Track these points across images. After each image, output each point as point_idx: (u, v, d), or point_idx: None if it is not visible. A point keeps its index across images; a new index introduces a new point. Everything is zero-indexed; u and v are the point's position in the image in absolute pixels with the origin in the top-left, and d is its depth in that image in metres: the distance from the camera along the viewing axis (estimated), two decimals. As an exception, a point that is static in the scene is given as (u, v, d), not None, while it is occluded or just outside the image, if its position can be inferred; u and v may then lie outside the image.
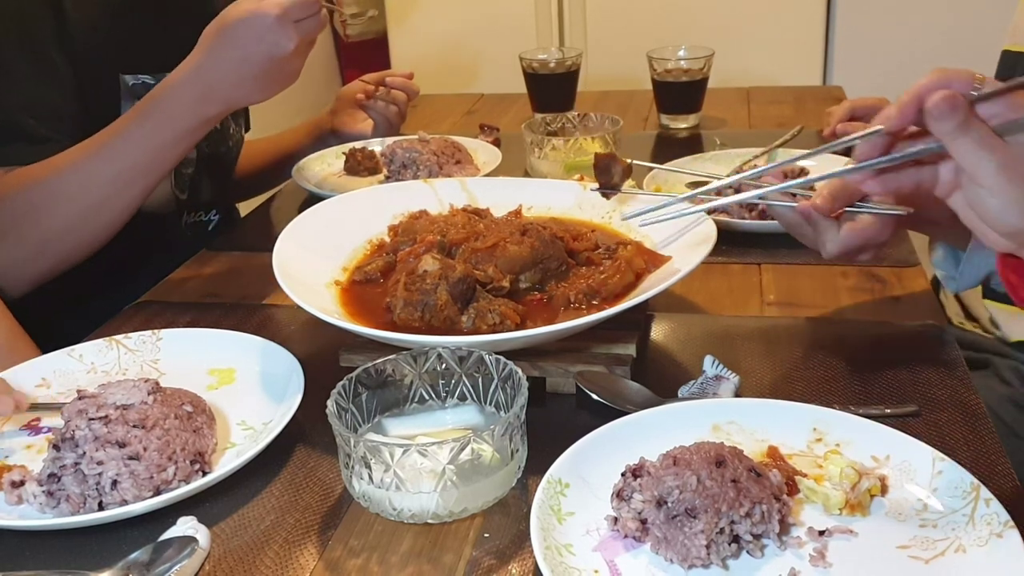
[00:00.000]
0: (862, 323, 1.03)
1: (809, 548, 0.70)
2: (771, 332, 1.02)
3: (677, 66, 1.73)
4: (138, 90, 1.31)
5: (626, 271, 0.97)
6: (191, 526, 0.75)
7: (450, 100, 2.11)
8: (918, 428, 0.81)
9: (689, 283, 1.09)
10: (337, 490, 0.81)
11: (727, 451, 0.72)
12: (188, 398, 0.86)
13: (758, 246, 1.21)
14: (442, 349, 0.84)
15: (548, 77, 1.80)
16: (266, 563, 0.74)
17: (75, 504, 0.78)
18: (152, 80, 1.32)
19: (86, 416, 0.81)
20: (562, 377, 0.91)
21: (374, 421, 0.84)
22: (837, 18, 2.79)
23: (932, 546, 0.69)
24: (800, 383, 0.92)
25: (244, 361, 0.99)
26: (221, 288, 1.22)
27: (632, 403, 0.87)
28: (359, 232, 1.12)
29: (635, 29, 2.78)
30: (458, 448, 0.73)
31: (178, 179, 1.41)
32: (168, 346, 1.02)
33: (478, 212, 1.12)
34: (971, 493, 0.71)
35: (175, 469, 0.80)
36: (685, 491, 0.69)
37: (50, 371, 1.00)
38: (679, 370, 0.96)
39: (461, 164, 1.50)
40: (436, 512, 0.75)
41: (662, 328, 1.04)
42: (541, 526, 0.70)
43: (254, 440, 0.86)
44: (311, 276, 1.02)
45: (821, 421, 0.81)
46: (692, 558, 0.68)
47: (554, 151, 1.45)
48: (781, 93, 1.96)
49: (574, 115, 1.55)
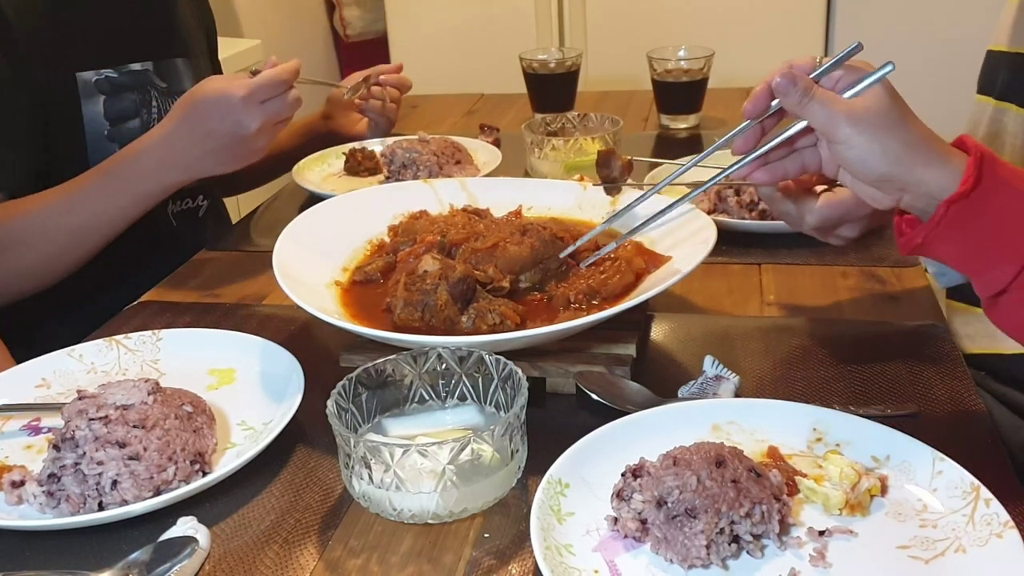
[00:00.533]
0: (862, 323, 1.03)
1: (809, 548, 0.70)
2: (771, 332, 1.02)
3: (677, 66, 1.73)
4: (102, 86, 1.31)
5: (626, 271, 0.97)
6: (191, 526, 0.75)
7: (450, 100, 2.11)
8: (918, 428, 0.81)
9: (689, 283, 1.09)
10: (337, 490, 0.81)
11: (727, 451, 0.72)
12: (188, 398, 0.86)
13: (758, 246, 1.21)
14: (442, 349, 0.84)
15: (548, 77, 1.80)
16: (266, 563, 0.74)
17: (75, 504, 0.78)
18: (115, 74, 1.33)
19: (86, 416, 0.80)
20: (562, 377, 0.91)
21: (374, 421, 0.84)
22: (837, 18, 2.78)
23: (932, 546, 0.69)
24: (800, 383, 0.92)
25: (244, 361, 0.99)
26: (221, 288, 1.22)
27: (632, 403, 0.86)
28: (359, 232, 1.12)
29: (635, 29, 2.78)
30: (458, 448, 0.73)
31: None
32: (168, 346, 1.02)
33: (478, 212, 1.12)
34: (971, 493, 0.71)
35: (175, 469, 0.80)
36: (685, 491, 0.69)
37: (50, 371, 1.00)
38: (679, 370, 0.96)
39: (461, 164, 1.50)
40: (436, 512, 0.75)
41: (662, 328, 1.04)
42: (541, 526, 0.70)
43: (254, 440, 0.86)
44: (311, 276, 1.02)
45: (821, 421, 0.81)
46: (692, 558, 0.68)
47: (554, 151, 1.45)
48: (781, 93, 1.96)
49: (574, 115, 1.55)
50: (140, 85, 1.38)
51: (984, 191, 0.74)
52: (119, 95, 1.34)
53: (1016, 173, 0.76)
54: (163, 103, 1.41)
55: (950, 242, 0.76)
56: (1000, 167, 0.75)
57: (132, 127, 1.36)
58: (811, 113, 0.78)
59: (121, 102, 1.35)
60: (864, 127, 0.76)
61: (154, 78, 1.40)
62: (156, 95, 1.40)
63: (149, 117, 1.38)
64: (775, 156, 0.85)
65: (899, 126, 0.76)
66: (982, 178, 0.74)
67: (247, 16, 2.93)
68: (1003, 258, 0.75)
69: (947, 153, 0.76)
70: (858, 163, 0.77)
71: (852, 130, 0.76)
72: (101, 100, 1.32)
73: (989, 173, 0.74)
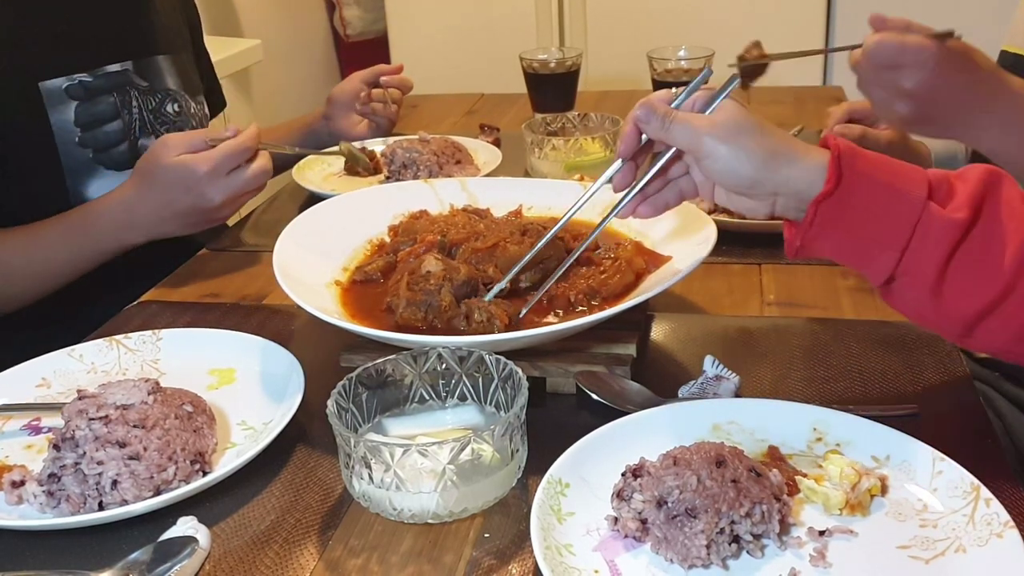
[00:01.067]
0: (862, 323, 1.03)
1: (809, 548, 0.70)
2: (771, 332, 1.02)
3: (677, 66, 1.73)
4: (74, 91, 1.30)
5: (626, 271, 0.97)
6: (191, 526, 0.75)
7: (450, 100, 2.11)
8: (918, 428, 0.81)
9: (689, 283, 1.09)
10: (337, 490, 0.81)
11: (727, 451, 0.72)
12: (188, 398, 0.86)
13: (758, 246, 1.21)
14: (442, 349, 0.84)
15: (548, 77, 1.80)
16: (266, 563, 0.74)
17: (75, 504, 0.78)
18: (89, 78, 1.31)
19: (86, 416, 0.80)
20: (562, 377, 0.91)
21: (374, 421, 0.84)
22: (837, 18, 2.78)
23: (932, 546, 0.69)
24: (800, 383, 0.92)
25: (244, 361, 0.99)
26: (221, 288, 1.22)
27: (632, 403, 0.87)
28: (359, 232, 1.12)
29: (635, 29, 2.78)
30: (458, 448, 0.73)
31: None
32: (168, 346, 1.02)
33: (478, 212, 1.12)
34: (971, 493, 0.71)
35: (175, 469, 0.80)
36: (685, 491, 0.69)
37: (50, 371, 1.00)
38: (679, 370, 0.96)
39: (461, 164, 1.51)
40: (436, 512, 0.75)
41: (662, 328, 1.04)
42: (541, 526, 0.70)
43: (254, 440, 0.86)
44: (311, 276, 1.02)
45: (821, 421, 0.81)
46: (692, 558, 0.68)
47: (554, 151, 1.45)
48: (781, 93, 1.96)
49: (574, 115, 1.55)
50: (118, 86, 1.36)
51: (847, 186, 0.76)
52: (93, 100, 1.32)
53: (875, 163, 0.77)
54: (144, 102, 1.39)
55: (827, 240, 0.78)
56: (859, 160, 0.77)
57: (110, 130, 1.34)
58: (674, 134, 0.81)
59: (96, 106, 1.32)
60: (724, 136, 0.79)
61: (134, 78, 1.38)
62: (136, 95, 1.38)
63: (130, 118, 1.37)
64: (653, 189, 0.87)
65: (757, 132, 0.79)
66: (843, 174, 0.76)
67: (247, 16, 2.93)
68: (880, 247, 0.76)
69: (809, 152, 0.79)
70: (726, 173, 0.80)
71: (714, 141, 0.79)
72: (72, 107, 1.30)
73: (848, 168, 0.76)
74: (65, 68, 1.30)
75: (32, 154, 1.29)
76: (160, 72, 1.44)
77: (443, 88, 2.25)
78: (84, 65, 1.32)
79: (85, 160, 1.32)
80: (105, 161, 1.34)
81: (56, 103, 1.29)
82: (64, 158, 1.30)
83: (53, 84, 1.28)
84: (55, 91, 1.29)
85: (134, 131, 1.37)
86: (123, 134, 1.35)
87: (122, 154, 1.35)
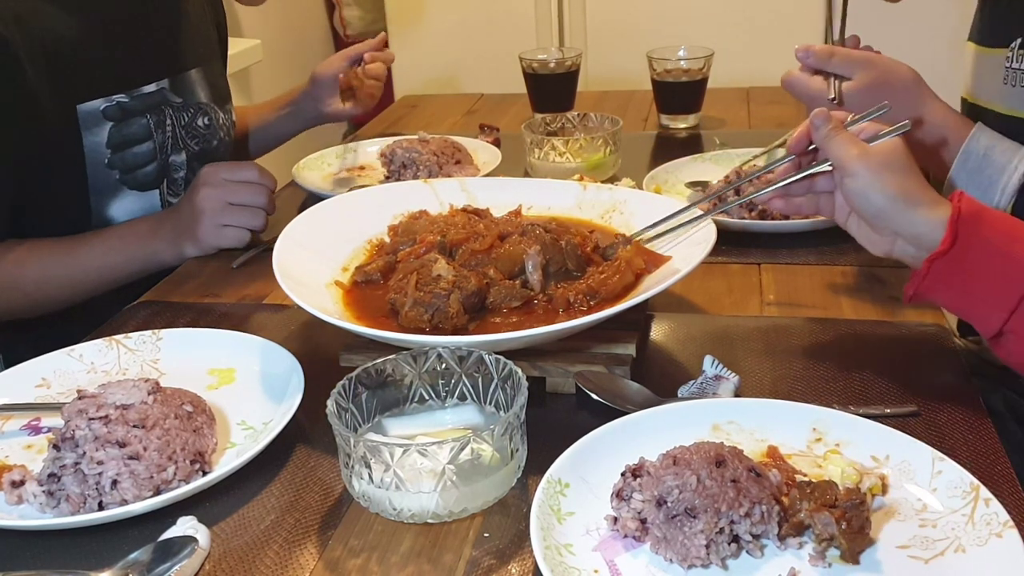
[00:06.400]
0: (862, 323, 1.03)
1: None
2: (771, 332, 1.02)
3: (677, 66, 1.73)
4: (111, 113, 1.29)
5: (626, 271, 0.97)
6: (191, 526, 0.75)
7: (450, 100, 2.11)
8: (918, 428, 0.81)
9: (689, 283, 1.09)
10: (337, 490, 0.81)
11: (727, 451, 0.72)
12: (188, 398, 0.86)
13: (758, 246, 1.21)
14: (442, 349, 0.84)
15: (548, 77, 1.80)
16: (266, 563, 0.74)
17: (75, 504, 0.78)
18: (126, 98, 1.31)
19: (86, 416, 0.81)
20: (562, 377, 0.91)
21: (374, 421, 0.84)
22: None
23: (932, 546, 0.69)
24: (800, 383, 0.92)
25: (244, 361, 0.99)
26: (221, 288, 1.22)
27: (632, 403, 0.87)
28: (359, 232, 1.12)
29: (635, 29, 2.77)
30: (458, 448, 0.73)
31: (172, 185, 1.40)
32: (168, 346, 1.02)
33: (478, 212, 1.12)
34: (971, 493, 0.71)
35: (175, 469, 0.80)
36: (685, 491, 0.69)
37: (50, 371, 1.00)
38: (679, 370, 0.96)
39: (461, 164, 1.51)
40: (436, 512, 0.75)
41: (662, 328, 1.04)
42: (541, 526, 0.70)
43: (254, 440, 0.86)
44: (311, 276, 1.02)
45: (821, 421, 0.81)
46: (692, 558, 0.68)
47: (554, 151, 1.45)
48: (781, 93, 1.93)
49: (574, 115, 1.55)
50: (154, 106, 1.35)
51: (962, 247, 0.82)
52: (127, 120, 1.31)
53: (995, 226, 0.83)
54: (178, 117, 1.39)
55: (940, 293, 0.86)
56: (982, 223, 0.83)
57: (139, 151, 1.34)
58: (832, 146, 0.90)
59: (129, 127, 1.32)
60: (872, 164, 0.87)
61: (169, 95, 1.38)
62: (171, 112, 1.38)
63: (163, 137, 1.36)
64: (797, 191, 0.96)
65: (900, 172, 0.87)
66: (958, 236, 0.82)
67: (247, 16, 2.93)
68: (990, 306, 0.82)
69: (938, 204, 0.86)
70: (859, 196, 0.88)
71: (861, 164, 0.87)
72: (107, 128, 1.29)
73: (965, 231, 0.82)
74: (104, 90, 1.29)
75: (61, 173, 1.28)
76: (192, 87, 1.44)
77: (443, 88, 2.25)
78: (122, 86, 1.31)
79: (111, 181, 1.31)
80: (129, 182, 1.34)
81: (91, 124, 1.28)
82: (91, 179, 1.30)
83: (91, 106, 1.27)
84: (92, 113, 1.28)
85: (165, 149, 1.37)
86: (151, 155, 1.35)
87: (147, 175, 1.36)
